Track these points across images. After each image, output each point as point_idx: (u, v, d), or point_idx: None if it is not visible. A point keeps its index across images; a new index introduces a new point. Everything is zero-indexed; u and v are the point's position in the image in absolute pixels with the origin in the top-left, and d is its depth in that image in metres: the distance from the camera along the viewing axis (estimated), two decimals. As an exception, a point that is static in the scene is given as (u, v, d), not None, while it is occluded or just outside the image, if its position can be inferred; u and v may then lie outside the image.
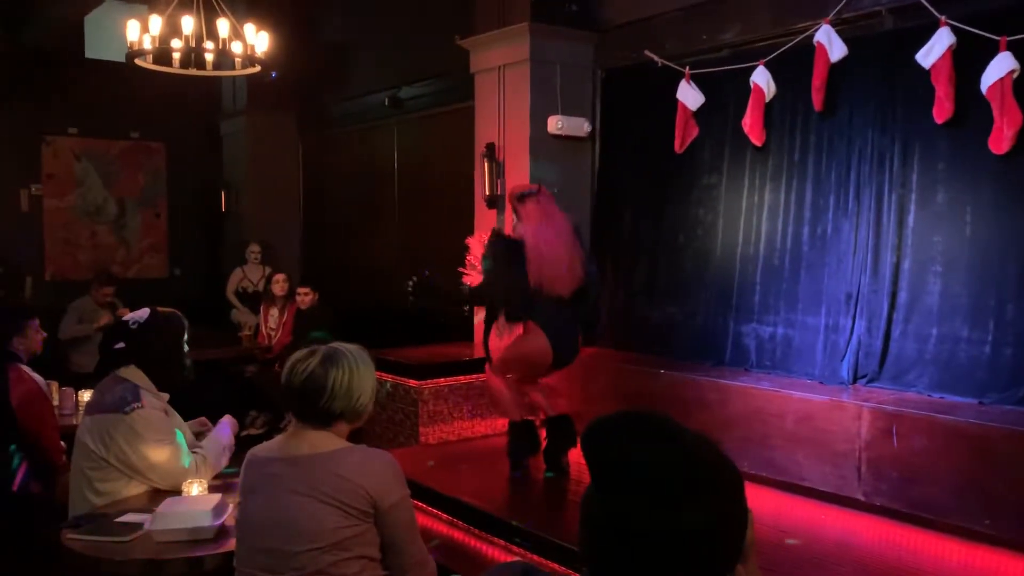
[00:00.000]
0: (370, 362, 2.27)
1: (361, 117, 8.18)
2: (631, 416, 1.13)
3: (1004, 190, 3.87)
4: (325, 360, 2.19)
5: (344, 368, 2.19)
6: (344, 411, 2.20)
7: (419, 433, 5.13)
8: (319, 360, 2.18)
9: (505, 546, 3.79)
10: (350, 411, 2.21)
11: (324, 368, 2.17)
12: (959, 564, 3.37)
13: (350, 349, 2.25)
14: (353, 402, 2.20)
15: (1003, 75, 3.71)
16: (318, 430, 2.21)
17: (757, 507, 3.32)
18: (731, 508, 1.09)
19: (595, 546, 1.11)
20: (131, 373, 2.96)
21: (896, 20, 4.26)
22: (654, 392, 4.81)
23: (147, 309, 3.09)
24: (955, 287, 4.00)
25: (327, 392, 2.16)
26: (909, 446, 3.69)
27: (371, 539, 2.17)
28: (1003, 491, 3.41)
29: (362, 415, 2.26)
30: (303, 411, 2.21)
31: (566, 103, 5.71)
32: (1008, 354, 3.81)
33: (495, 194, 5.82)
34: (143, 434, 2.85)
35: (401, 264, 7.74)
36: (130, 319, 3.06)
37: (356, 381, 2.20)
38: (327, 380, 2.16)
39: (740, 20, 4.93)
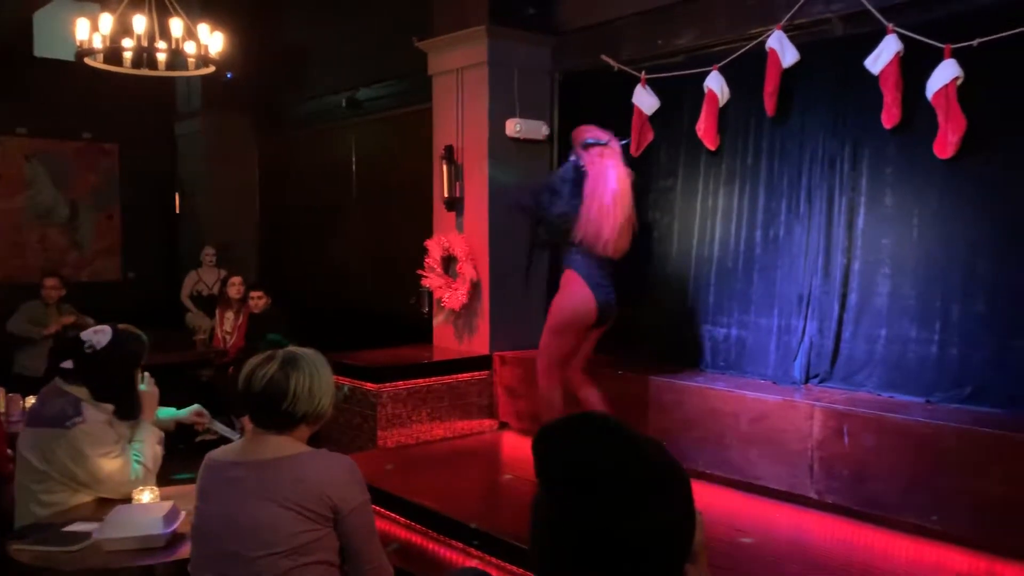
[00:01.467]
0: (327, 365, 2.27)
1: (319, 118, 8.12)
2: (579, 420, 1.14)
3: (949, 194, 3.97)
4: (285, 364, 2.18)
5: (305, 372, 2.18)
6: (306, 415, 2.20)
7: (377, 437, 5.10)
8: (279, 365, 2.18)
9: (463, 549, 3.80)
10: (312, 414, 2.21)
11: (284, 373, 2.16)
12: (908, 559, 3.45)
13: (308, 353, 2.25)
14: (315, 405, 2.20)
15: (947, 82, 3.81)
16: (279, 435, 2.20)
17: (712, 506, 3.38)
18: (679, 509, 1.11)
19: (544, 549, 1.12)
20: (75, 387, 2.90)
21: (846, 27, 4.35)
22: (611, 393, 4.83)
23: (109, 331, 2.96)
24: (903, 288, 4.09)
25: (289, 397, 2.16)
26: (859, 444, 3.77)
27: (330, 544, 2.16)
28: (951, 487, 3.49)
29: (322, 418, 2.26)
30: (264, 417, 2.19)
31: (524, 106, 5.73)
32: (954, 354, 3.90)
33: (454, 196, 5.82)
34: (85, 450, 2.79)
35: (360, 266, 7.71)
36: (87, 341, 2.92)
37: (317, 384, 2.20)
38: (288, 385, 2.16)
39: (695, 25, 4.99)
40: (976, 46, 3.74)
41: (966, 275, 3.90)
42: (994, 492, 3.36)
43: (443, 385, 5.39)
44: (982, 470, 3.40)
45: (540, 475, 1.13)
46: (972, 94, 3.79)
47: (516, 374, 5.50)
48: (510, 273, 5.75)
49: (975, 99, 3.79)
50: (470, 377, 5.53)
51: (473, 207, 5.78)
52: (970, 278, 3.89)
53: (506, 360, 5.58)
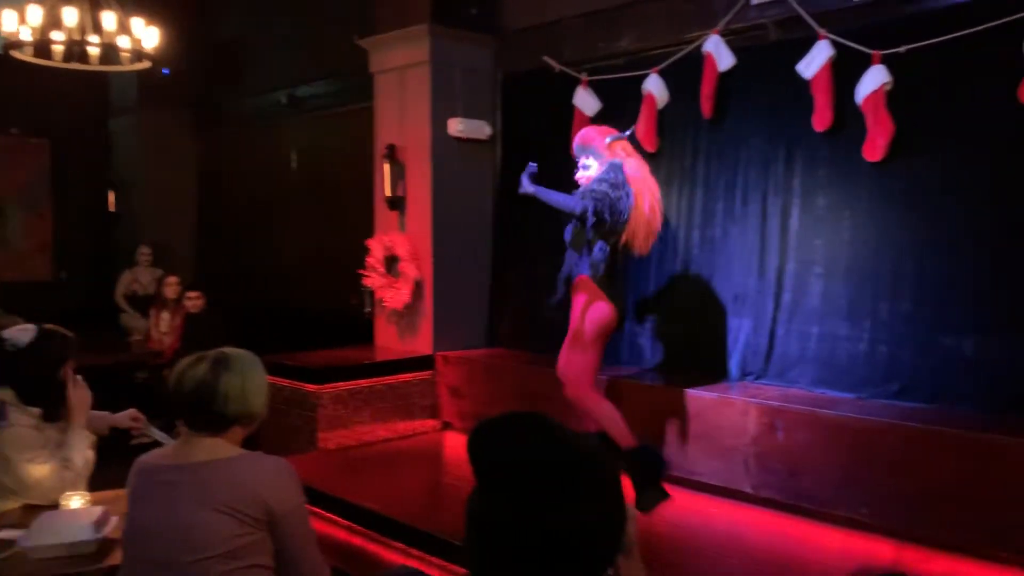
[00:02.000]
0: (261, 365, 2.24)
1: (259, 116, 8.00)
2: (514, 418, 1.16)
3: (878, 196, 4.10)
4: (215, 365, 2.14)
5: (236, 372, 2.15)
6: (239, 415, 2.16)
7: (318, 439, 5.05)
8: (209, 366, 2.14)
9: (405, 550, 3.79)
10: (245, 415, 2.18)
11: (215, 373, 2.13)
12: (839, 550, 3.55)
13: (239, 353, 2.21)
14: (247, 406, 2.17)
15: (876, 87, 3.93)
16: (212, 437, 2.16)
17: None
18: (610, 505, 1.13)
19: (478, 545, 1.13)
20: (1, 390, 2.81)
21: (780, 32, 4.45)
22: (554, 392, 4.84)
23: (32, 329, 2.87)
24: (835, 288, 4.21)
25: (219, 397, 2.12)
26: (793, 440, 3.86)
27: (265, 547, 2.13)
28: (879, 480, 3.60)
29: (256, 419, 2.23)
30: (195, 418, 2.16)
31: (467, 106, 5.73)
32: (883, 351, 4.03)
33: (396, 195, 5.79)
34: (11, 455, 2.71)
35: (300, 266, 7.62)
36: (9, 339, 2.83)
37: (249, 384, 2.17)
38: (218, 385, 2.12)
39: (635, 29, 5.05)
40: (904, 53, 3.87)
41: (894, 274, 4.03)
42: (921, 485, 3.48)
43: (385, 386, 5.36)
44: (910, 463, 3.52)
45: (474, 472, 1.14)
46: (900, 99, 3.92)
47: (459, 374, 5.50)
48: (453, 272, 5.75)
49: (903, 104, 3.92)
50: (412, 377, 5.51)
51: (416, 206, 5.76)
52: (898, 277, 4.02)
53: (449, 360, 5.57)
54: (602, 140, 3.91)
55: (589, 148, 3.93)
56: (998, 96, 3.62)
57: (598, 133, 3.97)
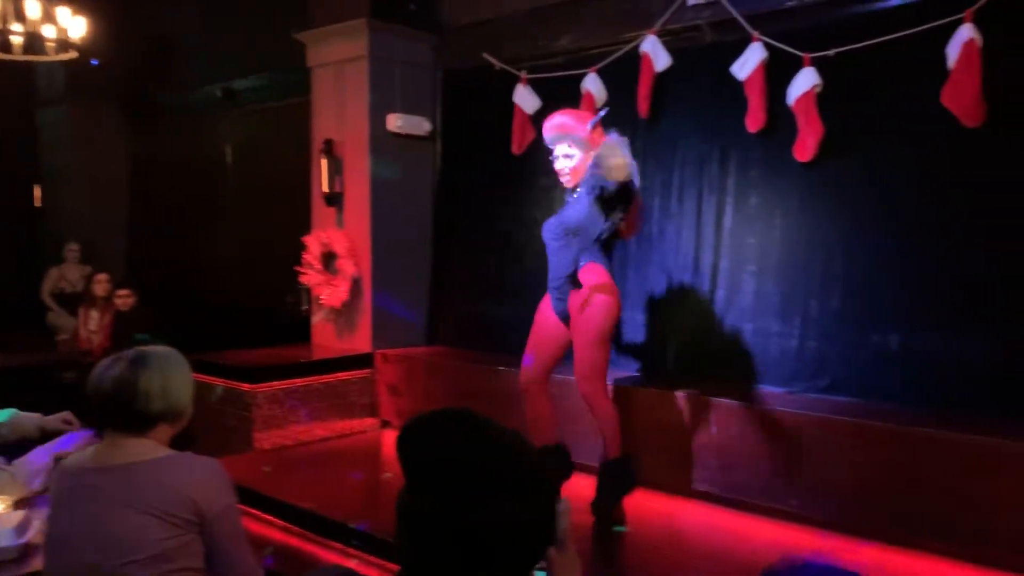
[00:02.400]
0: (183, 361, 2.19)
1: (193, 109, 7.82)
2: (443, 416, 1.16)
3: (808, 195, 4.20)
4: (133, 363, 2.09)
5: (155, 369, 2.10)
6: (162, 413, 2.11)
7: (253, 439, 4.97)
8: (126, 364, 2.09)
9: (342, 550, 3.75)
10: (169, 412, 2.13)
11: (133, 371, 2.08)
12: (768, 541, 3.63)
13: (159, 350, 2.16)
14: (170, 402, 2.12)
15: (807, 89, 4.02)
16: (136, 437, 2.11)
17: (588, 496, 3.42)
18: (537, 500, 1.13)
19: (409, 543, 1.12)
20: None
21: (715, 34, 4.53)
22: (494, 389, 4.88)
23: None
24: (767, 285, 4.30)
25: (140, 395, 2.07)
26: (726, 434, 3.94)
27: (195, 550, 2.09)
28: (808, 473, 3.70)
29: (182, 416, 2.18)
30: (116, 419, 2.10)
31: (406, 101, 5.69)
32: (813, 346, 4.14)
33: (334, 191, 5.73)
34: None
35: (236, 263, 7.48)
36: None
37: (170, 381, 2.12)
38: (137, 383, 2.07)
39: (574, 28, 5.08)
40: (833, 56, 3.98)
41: (823, 272, 4.14)
42: (849, 477, 3.58)
43: (322, 384, 5.30)
44: (838, 456, 3.62)
45: (403, 470, 1.14)
46: (829, 101, 4.02)
47: (398, 372, 5.47)
48: (393, 270, 5.71)
49: (832, 106, 4.02)
50: (351, 376, 5.46)
51: (354, 202, 5.70)
52: (827, 275, 4.13)
53: (388, 358, 5.54)
54: (585, 127, 3.67)
55: (571, 136, 3.68)
56: (922, 98, 3.74)
57: (578, 120, 3.71)
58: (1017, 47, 3.59)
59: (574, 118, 3.71)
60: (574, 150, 3.67)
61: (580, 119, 3.70)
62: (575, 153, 3.67)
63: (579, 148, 3.66)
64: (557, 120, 3.73)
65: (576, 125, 3.67)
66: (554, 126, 3.73)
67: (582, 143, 3.64)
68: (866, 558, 3.46)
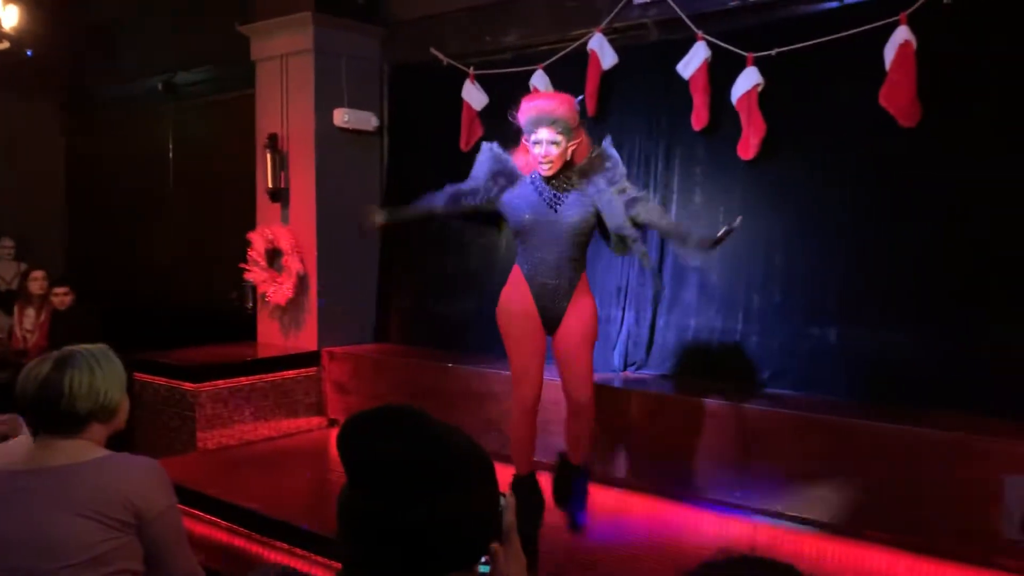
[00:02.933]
0: (113, 359, 2.14)
1: (133, 102, 7.63)
2: (383, 412, 1.15)
3: (751, 193, 4.28)
4: (59, 363, 2.04)
5: (82, 367, 2.05)
6: (92, 412, 2.06)
7: (197, 439, 4.87)
8: (52, 364, 2.04)
9: (288, 549, 3.71)
10: (99, 411, 2.08)
11: (59, 371, 2.03)
12: (714, 533, 3.71)
13: (87, 348, 2.12)
14: (100, 400, 2.07)
15: (749, 88, 4.10)
16: (69, 438, 2.06)
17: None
18: (479, 496, 1.13)
19: (350, 542, 1.11)
20: None
21: (661, 32, 4.58)
22: (443, 386, 4.87)
23: None
24: (710, 281, 4.37)
25: (65, 395, 2.02)
26: (672, 427, 3.99)
27: (134, 551, 2.05)
28: (751, 464, 3.77)
29: (115, 414, 2.13)
30: (45, 420, 2.04)
31: (353, 96, 5.64)
32: (754, 341, 4.22)
33: (278, 187, 5.65)
34: None
35: (178, 260, 7.33)
36: None
37: (98, 379, 2.07)
38: (63, 382, 2.02)
39: (521, 24, 5.09)
40: (775, 56, 4.05)
41: (765, 268, 4.22)
42: (790, 467, 3.66)
43: (267, 383, 5.23)
44: (779, 447, 3.69)
45: (344, 467, 1.13)
46: (771, 100, 4.10)
47: (345, 370, 5.42)
48: (340, 266, 5.66)
49: (774, 105, 4.10)
50: (296, 374, 5.40)
51: (299, 198, 5.63)
52: (768, 271, 4.21)
53: (335, 356, 5.48)
54: (574, 114, 3.35)
55: (560, 120, 3.30)
56: (861, 98, 3.84)
57: (565, 103, 3.35)
58: (950, 49, 3.70)
59: (560, 101, 3.36)
60: (560, 137, 3.31)
61: (565, 102, 3.36)
62: (560, 140, 3.31)
63: (566, 136, 3.31)
64: (543, 102, 3.38)
65: (567, 110, 3.33)
66: (540, 108, 3.34)
67: (570, 130, 3.32)
68: (808, 548, 3.55)
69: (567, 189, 3.39)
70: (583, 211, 3.36)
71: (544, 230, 3.39)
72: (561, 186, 3.40)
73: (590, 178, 3.39)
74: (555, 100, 3.39)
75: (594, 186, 3.37)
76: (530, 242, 3.44)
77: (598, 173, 3.39)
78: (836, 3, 4.05)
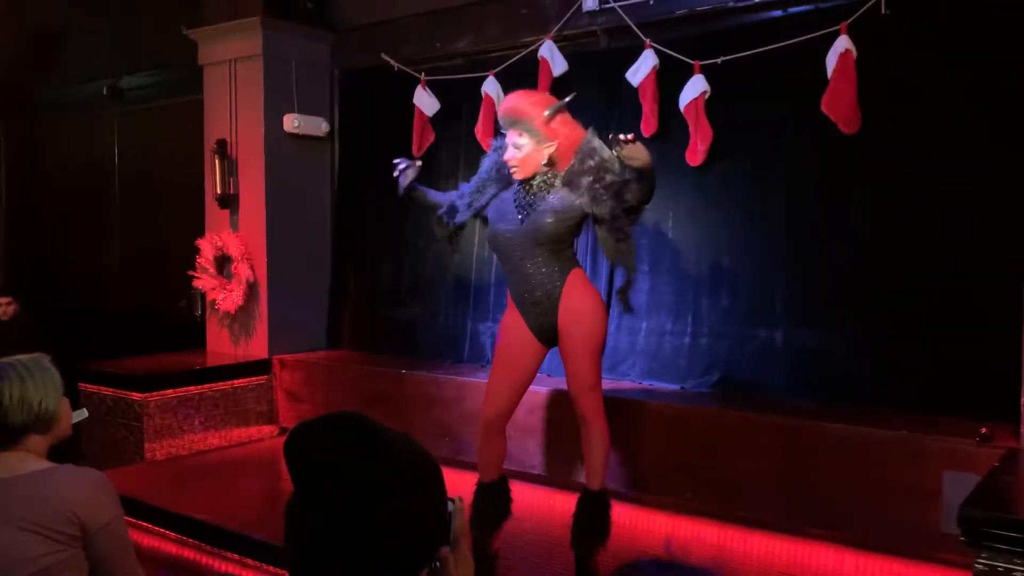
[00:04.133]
0: (47, 367, 2.11)
1: (75, 106, 7.46)
2: (328, 421, 1.15)
3: (699, 198, 4.35)
4: None
5: (11, 379, 2.02)
6: (28, 423, 2.03)
7: (144, 449, 4.79)
8: None
9: (240, 560, 3.66)
10: (35, 422, 2.04)
11: None
12: (665, 534, 3.75)
13: (18, 359, 2.09)
14: (34, 412, 2.04)
15: (697, 95, 4.16)
16: (7, 451, 2.02)
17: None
18: (426, 502, 1.14)
19: (296, 550, 1.11)
20: None
21: (610, 40, 4.64)
22: (396, 392, 4.86)
23: None
24: (661, 285, 4.43)
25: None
26: (623, 430, 4.02)
27: (78, 564, 2.01)
28: (702, 466, 3.82)
29: (54, 423, 2.09)
30: None
31: (303, 101, 5.60)
32: (704, 344, 4.28)
33: (227, 193, 5.57)
34: None
35: (125, 268, 7.19)
36: None
37: (29, 390, 2.04)
38: None
39: (472, 31, 5.11)
40: (720, 63, 4.13)
41: (713, 271, 4.29)
42: (739, 468, 3.72)
43: (217, 392, 5.16)
44: (728, 448, 3.75)
45: (290, 476, 1.13)
46: (718, 107, 4.17)
47: (297, 378, 5.37)
48: (290, 273, 5.60)
49: (721, 111, 4.17)
50: (247, 383, 5.33)
51: (249, 204, 5.57)
52: (716, 274, 4.28)
53: (286, 364, 5.43)
54: (540, 113, 3.20)
55: (523, 123, 3.20)
56: (804, 105, 3.92)
57: (532, 104, 3.23)
58: (888, 57, 3.81)
59: (529, 102, 3.24)
60: (524, 139, 3.20)
61: (535, 103, 3.24)
62: (524, 143, 3.20)
63: (530, 137, 3.20)
64: (511, 102, 3.27)
65: (530, 110, 3.20)
66: (508, 108, 3.26)
67: (535, 133, 3.19)
68: (757, 548, 3.61)
69: (545, 193, 3.26)
70: (558, 215, 3.21)
71: (512, 243, 3.29)
72: (539, 190, 3.27)
73: (574, 180, 3.22)
74: (520, 100, 3.26)
75: (578, 188, 3.21)
76: (504, 260, 3.38)
77: (582, 174, 3.21)
78: (780, 12, 4.14)
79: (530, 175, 3.27)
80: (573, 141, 3.27)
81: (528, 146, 3.22)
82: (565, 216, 3.22)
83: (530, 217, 3.25)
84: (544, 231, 3.22)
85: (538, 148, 3.22)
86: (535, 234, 3.24)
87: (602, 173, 3.19)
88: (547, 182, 3.29)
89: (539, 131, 3.20)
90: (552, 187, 3.28)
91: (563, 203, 3.23)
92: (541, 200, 3.26)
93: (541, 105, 3.24)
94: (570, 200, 3.23)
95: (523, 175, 3.27)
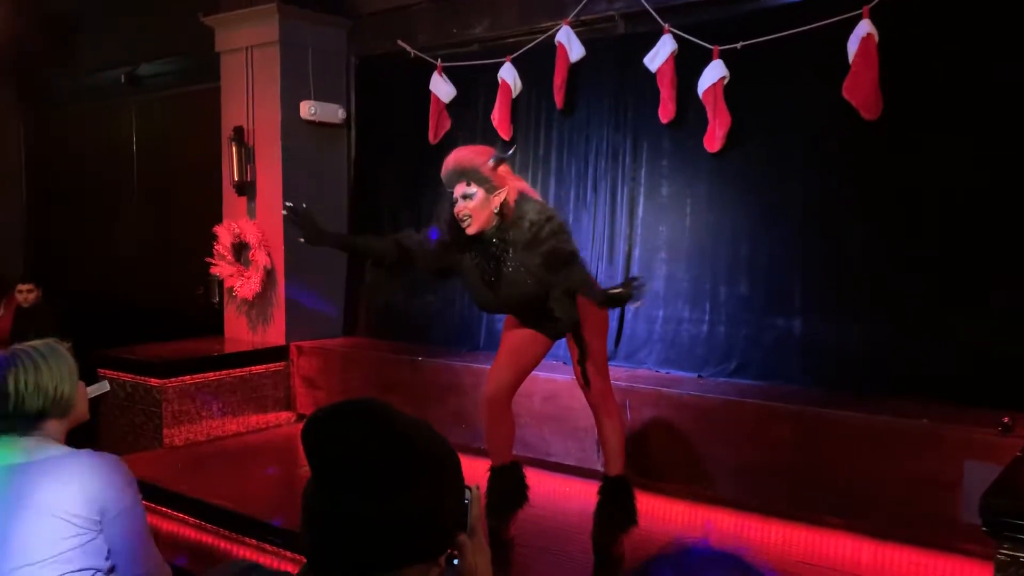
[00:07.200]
0: (60, 353, 2.12)
1: (94, 94, 7.50)
2: (346, 407, 1.15)
3: (717, 185, 4.31)
4: (1, 366, 2.02)
5: (25, 366, 2.03)
6: (44, 410, 2.04)
7: (163, 435, 4.83)
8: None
9: (258, 546, 3.69)
10: (51, 407, 2.06)
11: (1, 374, 2.00)
12: (683, 522, 3.74)
13: (31, 345, 2.10)
14: (51, 396, 2.05)
15: (715, 81, 4.12)
16: (27, 437, 2.03)
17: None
18: (444, 490, 1.14)
19: (315, 536, 1.12)
20: None
21: (628, 25, 4.60)
22: (412, 380, 4.87)
23: None
24: (678, 272, 4.40)
25: (11, 396, 2.00)
26: (640, 418, 4.02)
27: (98, 549, 2.03)
28: (719, 454, 3.81)
29: (71, 407, 2.11)
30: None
31: (319, 88, 5.60)
32: (721, 332, 4.26)
33: (244, 180, 5.59)
34: None
35: (144, 255, 7.23)
36: None
37: (43, 376, 2.05)
38: (7, 385, 2.00)
39: (489, 16, 5.08)
40: (740, 49, 4.08)
41: (731, 259, 4.26)
42: (756, 457, 3.70)
43: (235, 378, 5.19)
44: (746, 437, 3.73)
45: (308, 463, 1.13)
46: (737, 92, 4.13)
47: (314, 364, 5.40)
48: (307, 260, 5.61)
49: (739, 97, 4.13)
50: (265, 369, 5.36)
51: (266, 191, 5.58)
52: (734, 262, 4.25)
53: (303, 350, 5.45)
54: (486, 162, 3.12)
55: (470, 172, 3.12)
56: (825, 90, 3.88)
57: (476, 155, 3.17)
58: (911, 42, 3.75)
59: (473, 153, 3.19)
60: (473, 188, 3.09)
61: (479, 152, 3.18)
62: (473, 191, 3.09)
63: (481, 187, 3.09)
64: (456, 156, 3.19)
65: (475, 159, 3.13)
66: (453, 162, 3.17)
67: (484, 181, 3.09)
68: (772, 535, 3.59)
69: (505, 253, 3.13)
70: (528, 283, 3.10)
71: (497, 308, 3.26)
72: (498, 250, 3.13)
73: (515, 239, 3.11)
74: (462, 152, 3.20)
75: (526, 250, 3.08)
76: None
77: (521, 236, 3.10)
78: (800, -4, 4.09)
79: (484, 226, 3.12)
80: (514, 192, 3.16)
81: (478, 195, 3.10)
82: (530, 281, 3.11)
83: (501, 286, 3.15)
84: (531, 293, 3.13)
85: (488, 197, 3.10)
86: (521, 298, 3.16)
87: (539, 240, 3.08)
88: (504, 240, 3.14)
89: (488, 177, 3.10)
90: (511, 244, 3.13)
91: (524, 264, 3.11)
92: (506, 266, 3.14)
93: (485, 155, 3.16)
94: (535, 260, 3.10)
95: (477, 227, 3.12)
